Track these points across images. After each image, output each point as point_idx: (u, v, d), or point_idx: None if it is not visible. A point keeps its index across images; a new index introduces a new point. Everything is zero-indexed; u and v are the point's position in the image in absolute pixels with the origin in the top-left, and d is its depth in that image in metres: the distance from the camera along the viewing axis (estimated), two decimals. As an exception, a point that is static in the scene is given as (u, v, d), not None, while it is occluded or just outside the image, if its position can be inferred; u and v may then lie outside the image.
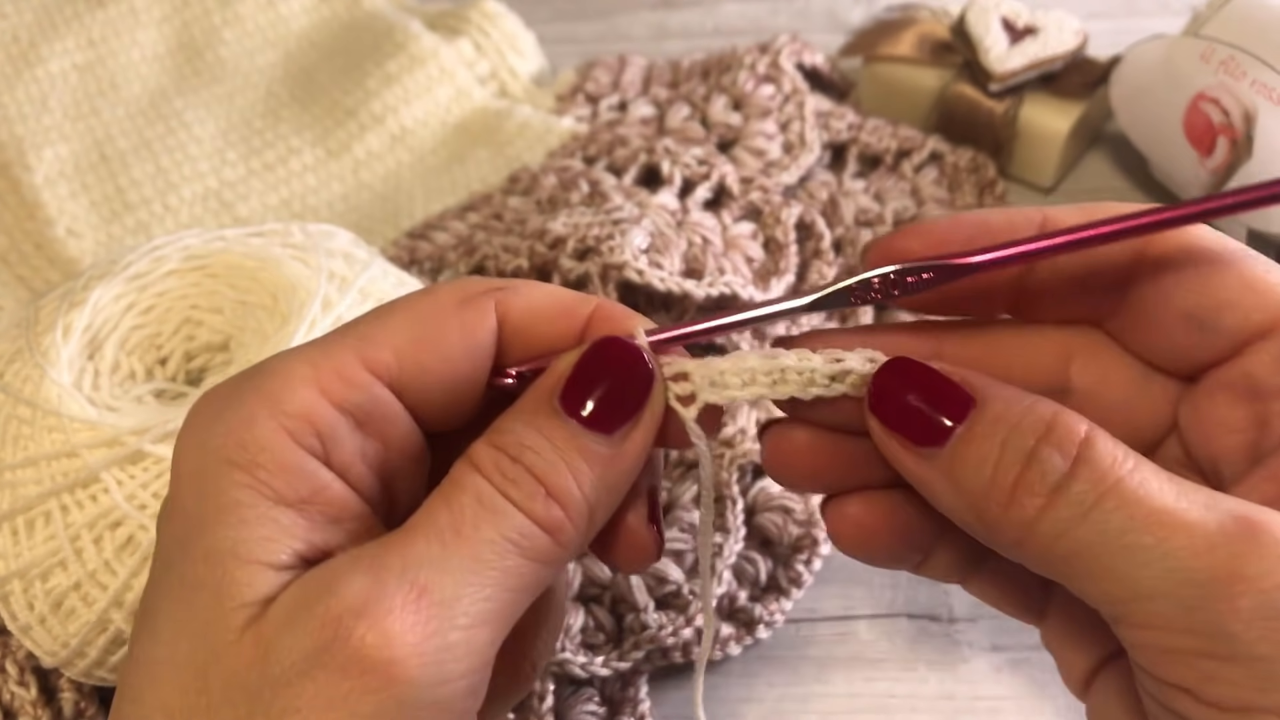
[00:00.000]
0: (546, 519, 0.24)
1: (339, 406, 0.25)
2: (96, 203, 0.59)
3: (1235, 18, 0.52)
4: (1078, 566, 0.23)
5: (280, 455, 0.24)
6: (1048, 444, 0.23)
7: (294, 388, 0.25)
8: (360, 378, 0.25)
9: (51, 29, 0.65)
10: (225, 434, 0.24)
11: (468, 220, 0.55)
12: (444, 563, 0.23)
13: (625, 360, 0.26)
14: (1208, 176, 0.53)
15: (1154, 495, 0.22)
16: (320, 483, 0.25)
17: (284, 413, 0.24)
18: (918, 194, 0.58)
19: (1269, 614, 0.21)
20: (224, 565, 0.23)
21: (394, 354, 0.26)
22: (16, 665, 0.40)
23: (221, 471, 0.24)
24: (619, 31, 0.72)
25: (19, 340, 0.41)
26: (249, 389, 0.25)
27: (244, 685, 0.22)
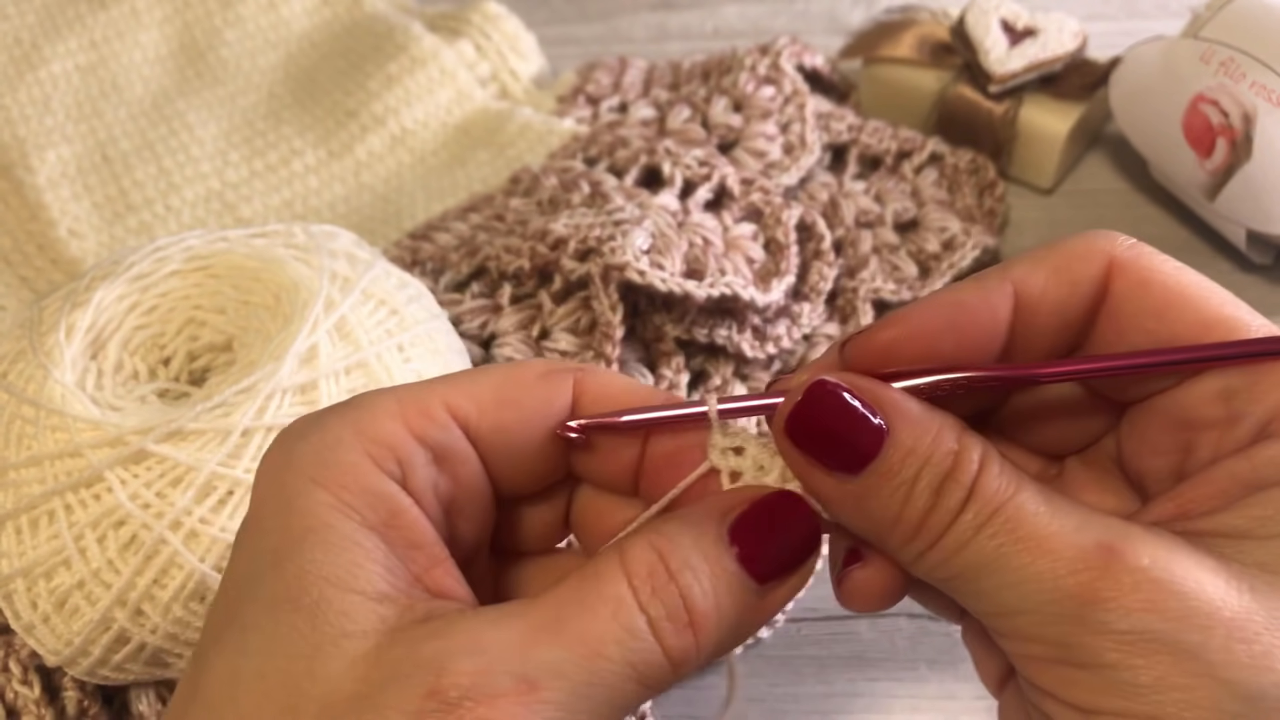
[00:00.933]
0: (678, 651, 0.24)
1: (419, 439, 0.26)
2: (99, 204, 0.59)
3: (1235, 19, 0.53)
4: (962, 586, 0.25)
5: (363, 478, 0.25)
6: (951, 482, 0.25)
7: (379, 418, 0.26)
8: (441, 417, 0.27)
9: (54, 30, 0.65)
10: (310, 454, 0.25)
11: (469, 221, 0.56)
12: (560, 666, 0.23)
13: (802, 523, 0.27)
14: (1207, 178, 0.53)
15: (1027, 521, 0.24)
16: (399, 506, 0.25)
17: (368, 438, 0.26)
18: (918, 195, 0.58)
19: (1115, 629, 0.23)
20: (320, 590, 0.24)
21: (476, 405, 0.27)
22: (20, 664, 0.40)
23: (306, 490, 0.25)
24: (619, 33, 0.73)
25: (22, 340, 0.41)
26: (336, 415, 0.26)
27: (337, 716, 0.23)
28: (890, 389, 0.26)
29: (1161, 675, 0.23)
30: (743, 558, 0.25)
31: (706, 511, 0.26)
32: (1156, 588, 0.23)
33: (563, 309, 0.48)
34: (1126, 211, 0.59)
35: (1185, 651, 0.23)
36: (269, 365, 0.38)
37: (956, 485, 0.24)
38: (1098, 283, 0.27)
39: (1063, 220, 0.58)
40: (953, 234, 0.55)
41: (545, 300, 0.48)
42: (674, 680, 0.25)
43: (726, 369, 0.49)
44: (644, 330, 0.49)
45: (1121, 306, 0.27)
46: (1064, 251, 0.27)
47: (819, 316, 0.52)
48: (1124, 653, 0.23)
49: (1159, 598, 0.23)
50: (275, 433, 0.37)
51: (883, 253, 0.55)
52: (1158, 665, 0.23)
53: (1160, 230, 0.58)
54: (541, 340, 0.48)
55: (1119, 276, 0.27)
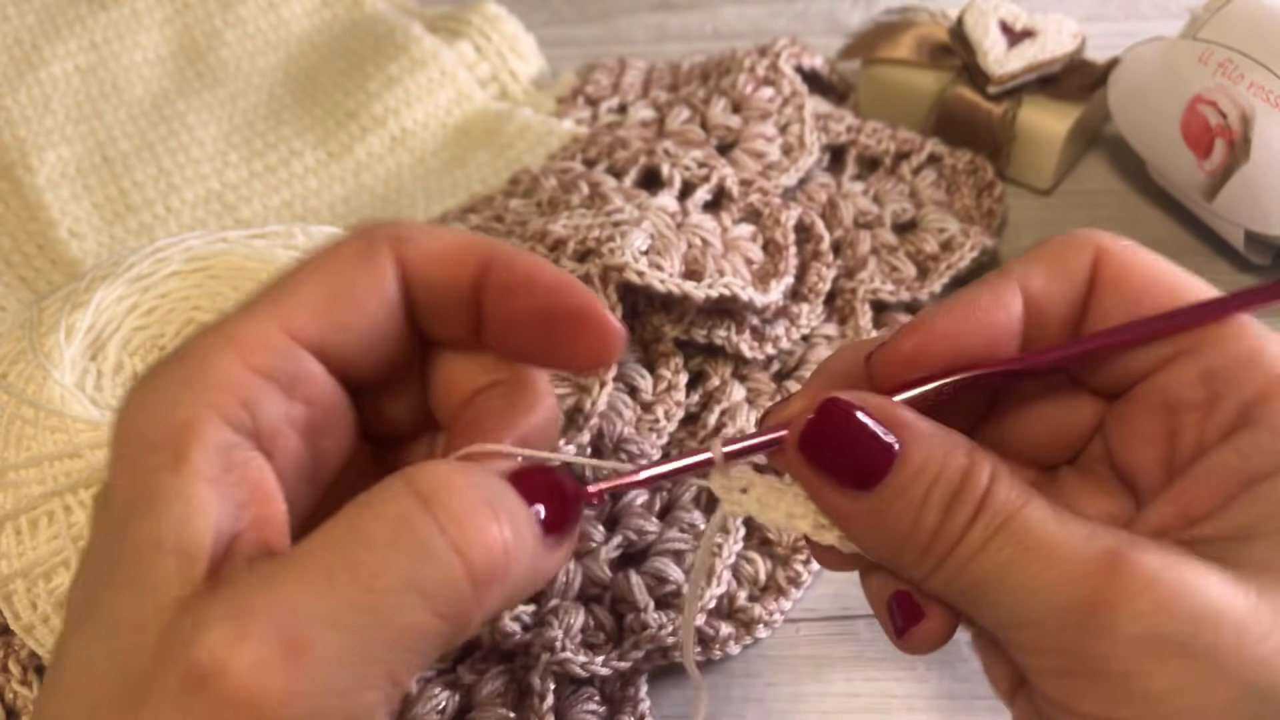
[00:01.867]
0: (482, 564, 0.22)
1: (262, 373, 0.25)
2: (99, 204, 0.60)
3: (1233, 20, 0.53)
4: (973, 600, 0.25)
5: (204, 433, 0.23)
6: (960, 499, 0.25)
7: (216, 362, 0.24)
8: (281, 342, 0.25)
9: (54, 31, 0.65)
10: (149, 419, 0.24)
11: (469, 222, 0.56)
12: (333, 614, 0.20)
13: (568, 490, 0.26)
14: (1205, 178, 0.53)
15: (1035, 531, 0.24)
16: (243, 459, 0.24)
17: (207, 387, 0.24)
18: (916, 196, 0.58)
19: (1125, 634, 0.23)
20: (149, 558, 0.22)
21: (310, 314, 0.25)
22: (19, 665, 0.40)
23: (144, 457, 0.23)
24: (618, 34, 0.73)
25: (22, 341, 0.41)
26: (170, 371, 0.24)
27: (145, 690, 0.21)
28: (901, 407, 0.26)
29: (1174, 679, 0.23)
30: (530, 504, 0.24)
31: (493, 466, 0.25)
32: (1166, 591, 0.23)
33: (562, 310, 0.48)
34: (1125, 212, 0.59)
35: (1197, 653, 0.23)
36: (268, 366, 0.38)
37: (967, 500, 0.24)
38: (1089, 271, 0.27)
39: (1061, 221, 0.59)
40: (951, 235, 0.55)
41: (544, 301, 0.48)
42: (478, 612, 0.22)
43: (725, 369, 0.50)
44: (642, 331, 0.49)
45: (1107, 291, 0.27)
46: (1055, 246, 0.28)
47: (817, 317, 0.52)
48: (1135, 659, 0.23)
49: (1168, 600, 0.23)
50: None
51: (881, 253, 0.55)
52: (1170, 669, 0.23)
53: (1158, 231, 0.58)
54: (540, 341, 0.48)
55: (1105, 264, 0.27)
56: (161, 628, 0.21)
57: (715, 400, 0.49)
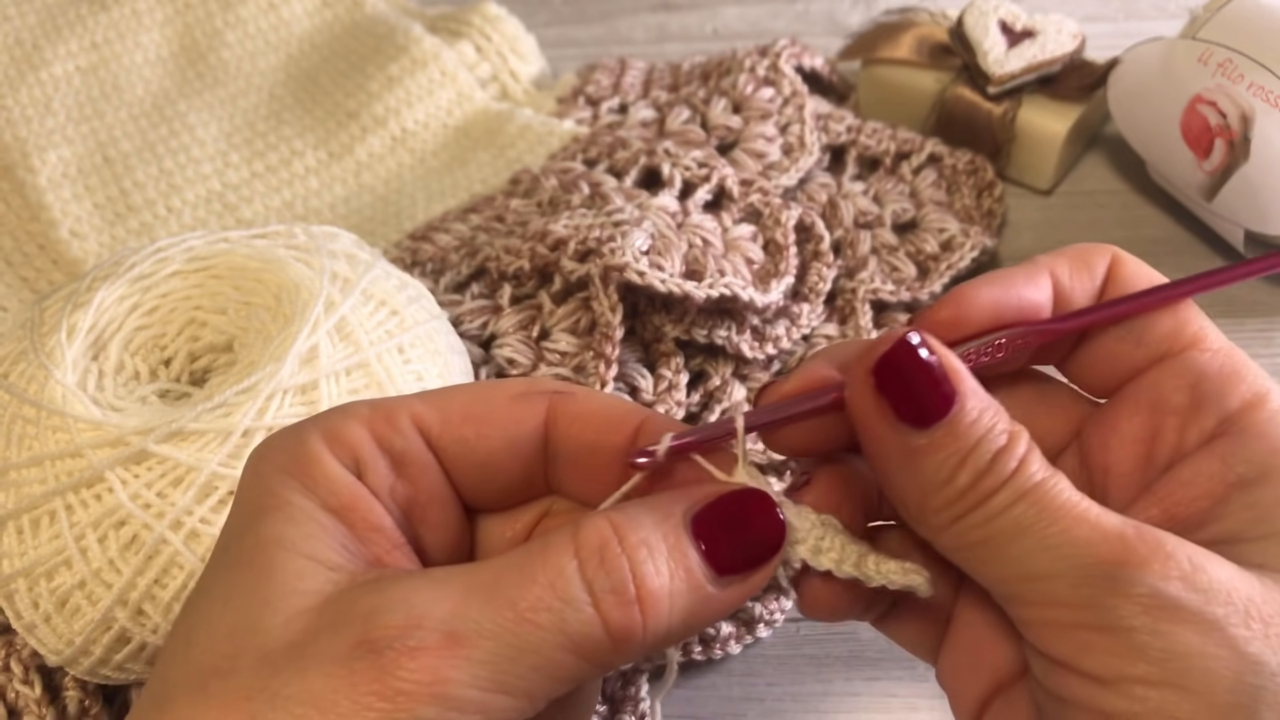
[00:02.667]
0: (619, 627, 0.24)
1: (378, 443, 0.28)
2: (100, 205, 0.60)
3: (1233, 21, 0.53)
4: (987, 552, 0.26)
5: (325, 466, 0.27)
6: (1001, 458, 0.26)
7: (347, 423, 0.28)
8: (404, 425, 0.28)
9: (55, 32, 0.65)
10: (280, 450, 0.27)
11: (469, 222, 0.56)
12: (488, 627, 0.24)
13: (767, 522, 0.27)
14: (1205, 178, 0.53)
15: (1064, 496, 0.25)
16: (358, 494, 0.27)
17: (332, 438, 0.27)
18: (916, 196, 0.58)
19: (1144, 592, 0.24)
20: (272, 553, 0.25)
21: (440, 417, 0.28)
22: (21, 664, 0.40)
23: (274, 477, 0.27)
24: (619, 34, 0.73)
25: (23, 341, 0.41)
26: (310, 421, 0.28)
27: (272, 662, 0.24)
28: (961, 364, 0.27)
29: (1186, 642, 0.23)
30: (704, 548, 0.26)
31: (673, 498, 0.26)
32: (1185, 562, 0.24)
33: (562, 310, 0.48)
34: (1125, 212, 0.59)
35: (1211, 623, 0.24)
36: (270, 366, 0.38)
37: (1007, 461, 0.25)
38: (1106, 273, 0.30)
39: (1061, 221, 0.59)
40: (951, 235, 0.55)
41: (545, 301, 0.48)
42: (617, 658, 0.25)
43: (725, 369, 0.50)
44: (643, 331, 0.49)
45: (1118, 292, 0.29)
46: (1079, 247, 0.30)
47: (818, 317, 0.52)
48: (1152, 616, 0.24)
49: (1188, 570, 0.24)
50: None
51: (881, 253, 0.55)
52: (1182, 633, 0.23)
53: (1158, 231, 0.58)
54: (541, 341, 0.48)
55: (1118, 270, 0.30)
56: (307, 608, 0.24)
57: (716, 400, 0.49)
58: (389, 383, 0.40)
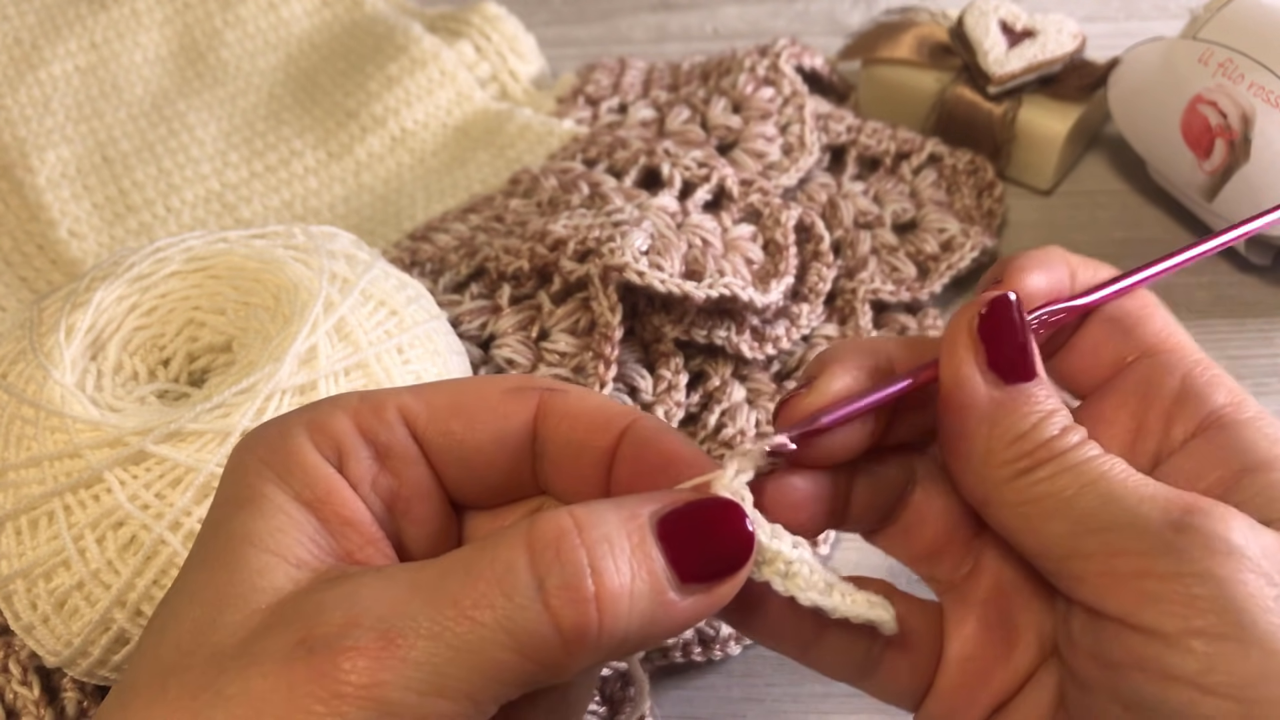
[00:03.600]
0: (571, 625, 0.23)
1: (362, 433, 0.27)
2: (99, 205, 0.60)
3: (1233, 20, 0.53)
4: (1051, 506, 0.26)
5: (302, 456, 0.26)
6: (1070, 430, 0.27)
7: (332, 413, 0.27)
8: (390, 417, 0.27)
9: (54, 31, 0.65)
10: (262, 440, 0.27)
11: (469, 222, 0.56)
12: (426, 626, 0.23)
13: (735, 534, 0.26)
14: (1205, 179, 0.53)
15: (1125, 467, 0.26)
16: (334, 485, 0.26)
17: (314, 428, 0.27)
18: (916, 196, 0.58)
19: (1216, 545, 0.24)
20: (238, 548, 0.25)
21: (427, 410, 0.28)
22: (19, 665, 0.40)
23: (253, 468, 0.26)
24: (619, 34, 0.73)
25: (22, 341, 0.41)
26: (296, 411, 0.28)
27: (219, 661, 0.23)
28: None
29: (1249, 594, 0.23)
30: (669, 551, 0.24)
31: (641, 499, 0.25)
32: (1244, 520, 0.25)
33: (562, 310, 0.48)
34: (1124, 212, 0.59)
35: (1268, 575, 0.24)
36: (268, 366, 0.38)
37: (1077, 430, 0.27)
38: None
39: (1061, 221, 0.59)
40: (951, 235, 0.55)
41: (544, 301, 0.48)
42: (569, 660, 0.23)
43: (725, 370, 0.50)
44: (643, 331, 0.49)
45: None
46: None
47: (818, 317, 0.52)
48: (1217, 562, 0.24)
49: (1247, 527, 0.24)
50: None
51: (881, 254, 0.55)
52: (1249, 581, 0.23)
53: (1158, 231, 0.58)
54: (541, 341, 0.48)
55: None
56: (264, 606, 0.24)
57: (715, 400, 0.49)
58: (388, 383, 0.39)
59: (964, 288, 0.56)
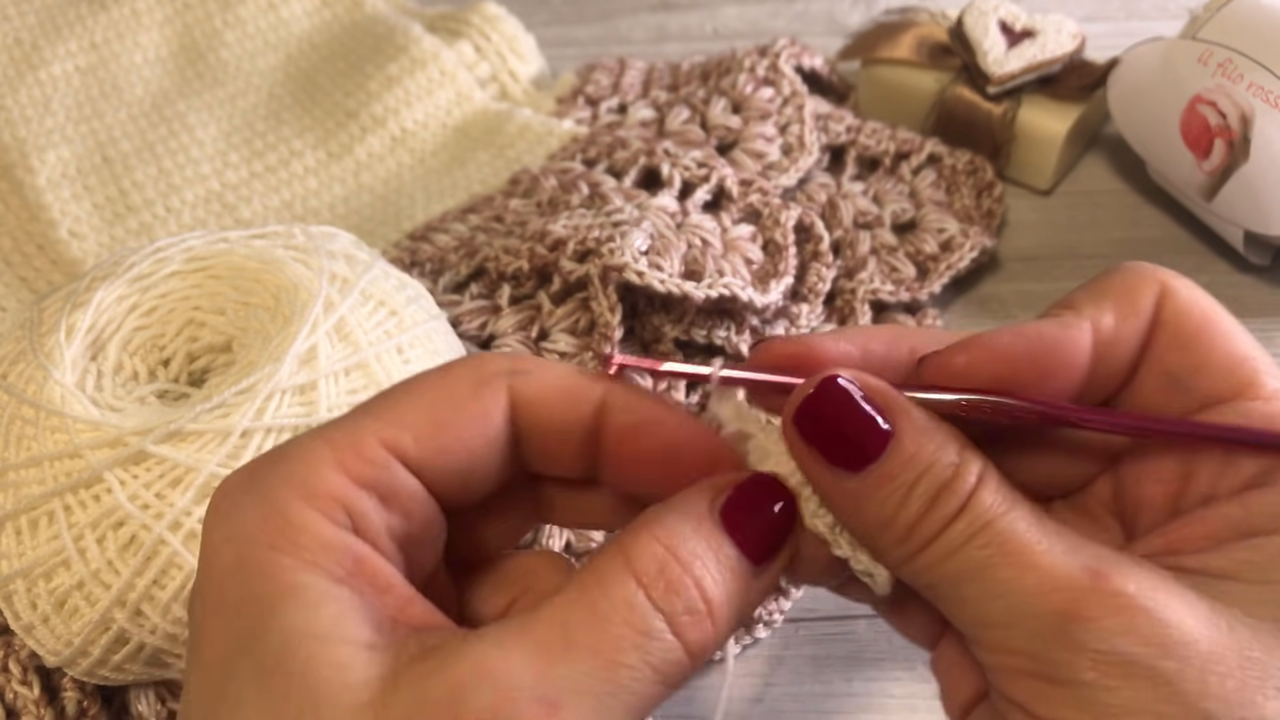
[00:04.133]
0: (698, 644, 0.24)
1: (362, 484, 0.25)
2: (99, 205, 0.60)
3: (1233, 21, 0.53)
4: (946, 593, 0.25)
5: (321, 534, 0.24)
6: (947, 493, 0.25)
7: (318, 470, 0.25)
8: (379, 456, 0.26)
9: (54, 31, 0.65)
10: (261, 523, 0.24)
11: (468, 222, 0.56)
12: (580, 682, 0.23)
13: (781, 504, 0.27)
14: (1204, 179, 0.53)
15: (1018, 537, 0.24)
16: (360, 554, 0.25)
17: (313, 494, 0.25)
18: (916, 196, 0.58)
19: (1095, 648, 0.23)
20: (308, 647, 0.23)
21: (411, 435, 0.26)
22: (19, 664, 0.40)
23: (268, 559, 0.24)
24: (618, 34, 0.73)
25: (22, 341, 0.41)
26: (272, 475, 0.25)
27: None
28: (899, 395, 0.26)
29: (1135, 698, 0.23)
30: (738, 541, 0.25)
31: (695, 497, 0.26)
32: (1139, 614, 0.23)
33: (561, 310, 0.48)
34: (1124, 213, 0.59)
35: (1161, 678, 0.23)
36: (268, 366, 0.38)
37: (952, 495, 0.25)
38: (1154, 309, 0.27)
39: (1061, 221, 0.59)
40: (951, 235, 0.55)
41: (544, 301, 0.48)
42: (693, 673, 0.25)
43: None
44: (642, 331, 0.49)
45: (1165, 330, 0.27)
46: (1122, 282, 0.27)
47: (817, 317, 0.52)
48: (1101, 672, 0.23)
49: (1140, 623, 0.23)
50: (274, 434, 0.37)
51: (881, 254, 0.55)
52: (1133, 688, 0.23)
53: (1158, 231, 0.58)
54: (540, 341, 0.48)
55: (1166, 303, 0.27)
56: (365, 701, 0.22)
57: (715, 400, 0.49)
58: (388, 383, 0.39)
59: (963, 288, 0.56)
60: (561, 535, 0.43)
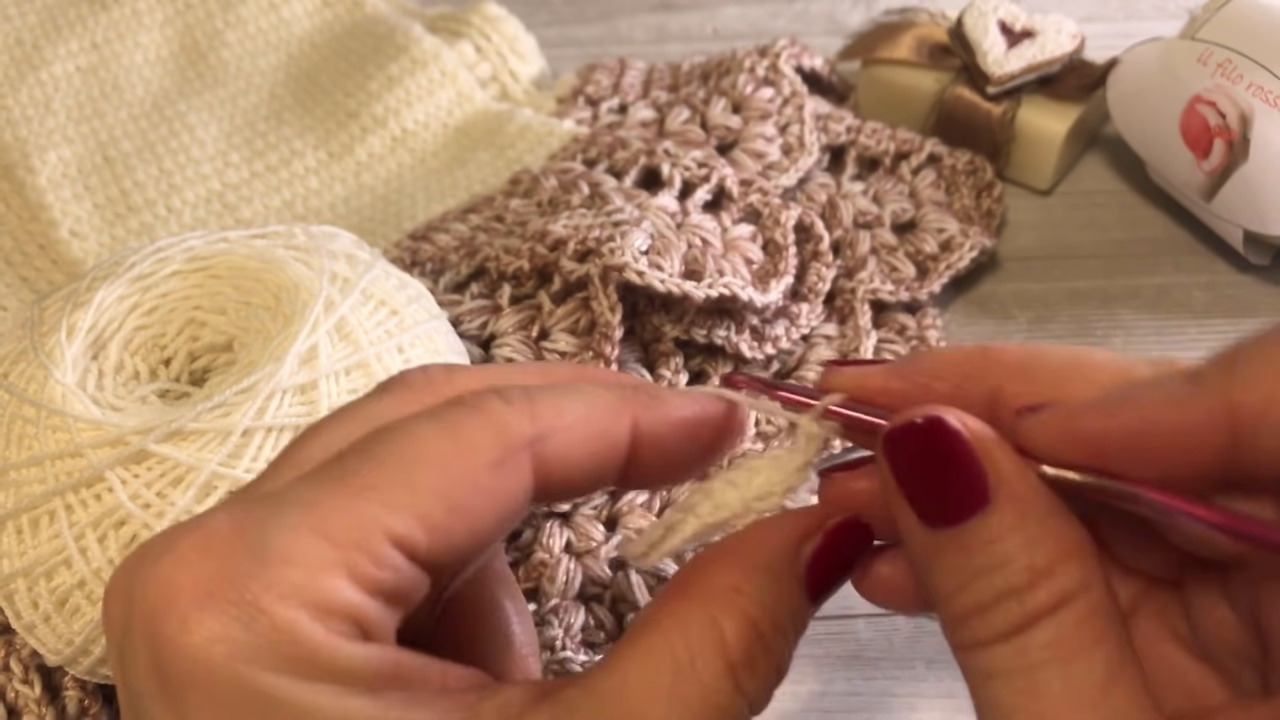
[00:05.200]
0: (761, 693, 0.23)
1: (371, 592, 0.22)
2: (100, 205, 0.60)
3: (1232, 21, 0.53)
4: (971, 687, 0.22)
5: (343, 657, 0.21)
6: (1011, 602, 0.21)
7: (323, 579, 0.21)
8: (390, 558, 0.22)
9: (55, 32, 0.65)
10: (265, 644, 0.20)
11: (469, 222, 0.56)
12: None
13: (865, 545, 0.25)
14: (1204, 179, 0.53)
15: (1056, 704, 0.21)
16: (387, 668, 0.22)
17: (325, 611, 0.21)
18: (916, 196, 0.58)
19: None
20: None
21: (423, 527, 0.22)
22: (21, 663, 0.40)
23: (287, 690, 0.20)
24: (619, 34, 0.73)
25: (23, 340, 0.41)
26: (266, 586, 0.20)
27: None
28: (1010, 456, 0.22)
29: None
30: (811, 591, 0.24)
31: (783, 549, 0.24)
32: None
33: (562, 309, 0.48)
34: (1124, 213, 0.59)
35: None
36: (269, 365, 0.38)
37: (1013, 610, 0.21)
38: None
39: (1060, 221, 0.59)
40: (951, 235, 0.55)
41: (544, 301, 0.49)
42: None
43: (725, 369, 0.50)
44: (642, 331, 0.49)
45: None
46: None
47: (817, 317, 0.52)
48: None
49: None
50: (275, 433, 0.37)
51: (881, 253, 0.55)
52: None
53: (1157, 231, 0.58)
54: (541, 341, 0.48)
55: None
56: None
57: (715, 400, 0.49)
58: (388, 382, 0.40)
59: (963, 287, 0.56)
60: (562, 535, 0.43)
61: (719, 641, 0.22)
